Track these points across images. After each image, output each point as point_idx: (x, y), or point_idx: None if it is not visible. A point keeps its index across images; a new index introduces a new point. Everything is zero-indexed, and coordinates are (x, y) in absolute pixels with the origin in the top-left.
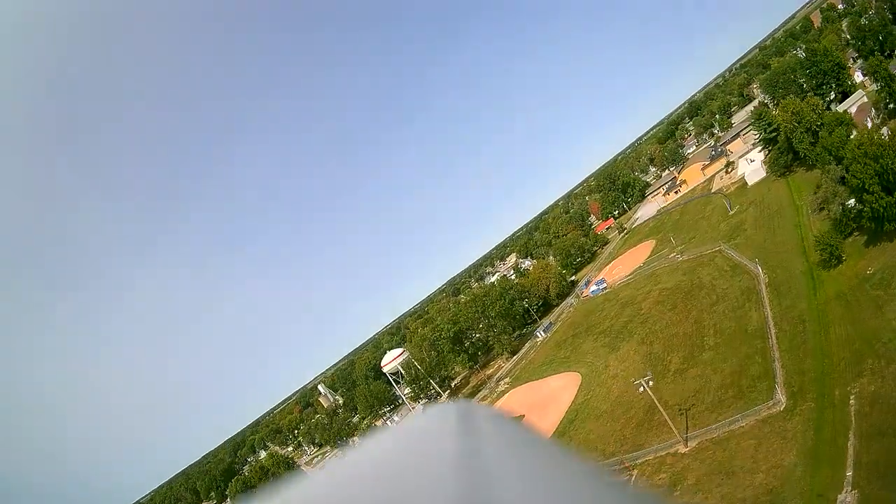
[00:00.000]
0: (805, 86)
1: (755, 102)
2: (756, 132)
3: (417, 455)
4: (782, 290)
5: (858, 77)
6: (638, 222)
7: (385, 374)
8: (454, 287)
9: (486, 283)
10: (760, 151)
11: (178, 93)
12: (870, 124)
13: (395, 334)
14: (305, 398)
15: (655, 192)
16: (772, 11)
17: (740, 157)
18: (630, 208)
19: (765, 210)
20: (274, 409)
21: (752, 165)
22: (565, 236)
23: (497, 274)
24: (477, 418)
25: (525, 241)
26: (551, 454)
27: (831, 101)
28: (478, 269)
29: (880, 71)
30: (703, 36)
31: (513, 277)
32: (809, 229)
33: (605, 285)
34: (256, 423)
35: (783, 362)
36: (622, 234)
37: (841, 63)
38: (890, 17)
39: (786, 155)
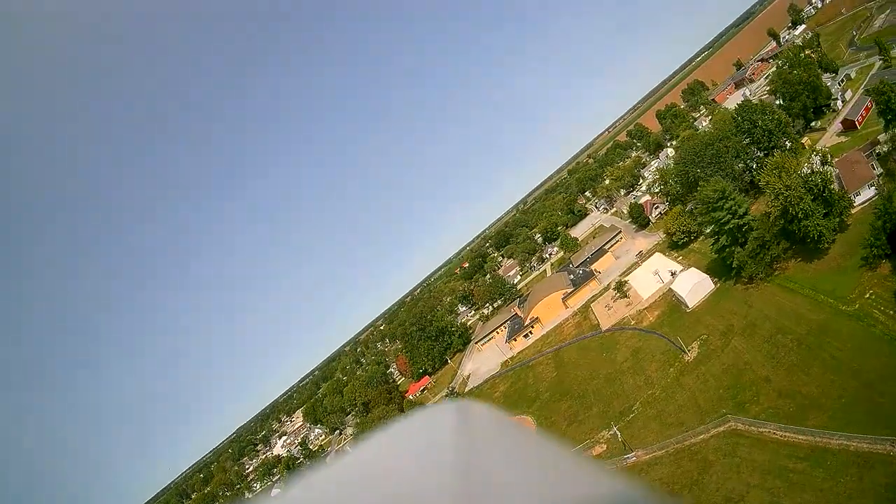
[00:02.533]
0: (739, 155)
1: (618, 200)
2: (687, 232)
3: (416, 452)
4: None
5: None
6: (475, 383)
7: None
8: (240, 445)
9: (270, 449)
10: (720, 252)
11: (172, 88)
12: None
13: (186, 493)
14: None
15: (487, 339)
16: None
17: (623, 274)
18: (450, 361)
19: (774, 336)
20: None
21: (687, 278)
22: (370, 410)
23: (284, 439)
24: (474, 416)
25: (313, 402)
26: (548, 451)
27: None
28: (265, 421)
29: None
30: (501, 165)
31: (299, 457)
32: None
33: None
34: None
35: None
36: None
37: (784, 121)
38: (818, 70)
39: (775, 245)
